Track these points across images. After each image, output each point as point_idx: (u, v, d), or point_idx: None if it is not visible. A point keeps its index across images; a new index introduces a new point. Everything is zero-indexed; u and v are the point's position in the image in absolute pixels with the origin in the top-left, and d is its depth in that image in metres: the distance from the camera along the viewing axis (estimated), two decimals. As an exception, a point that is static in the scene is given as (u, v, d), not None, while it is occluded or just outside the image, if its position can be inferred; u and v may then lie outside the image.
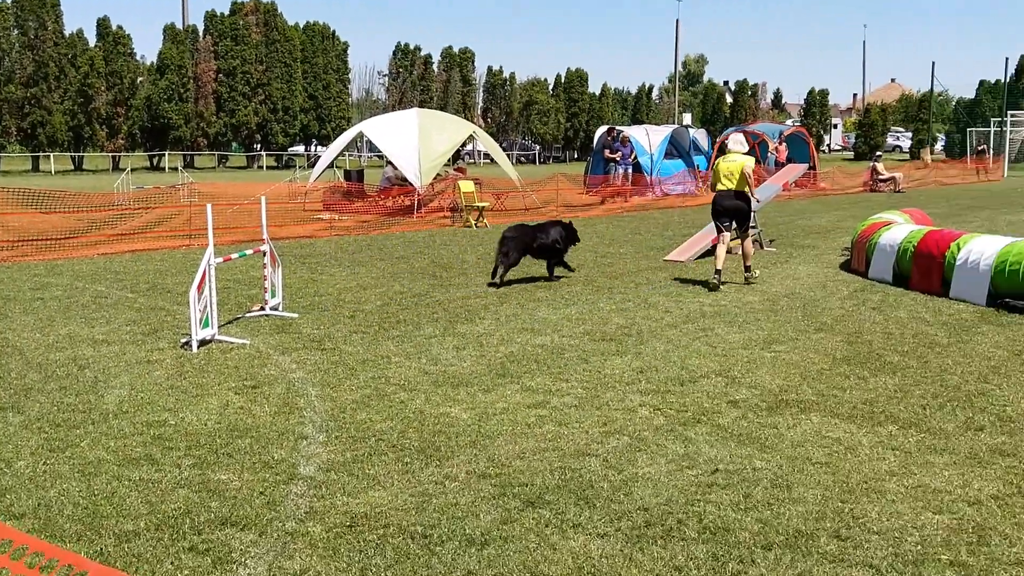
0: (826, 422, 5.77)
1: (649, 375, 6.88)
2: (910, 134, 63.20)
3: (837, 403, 6.18)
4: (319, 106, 56.68)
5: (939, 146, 59.82)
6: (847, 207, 22.79)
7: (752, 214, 11.41)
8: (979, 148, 45.76)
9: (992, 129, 45.59)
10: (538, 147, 66.69)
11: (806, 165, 19.05)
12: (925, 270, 10.43)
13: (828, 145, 69.78)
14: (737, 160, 10.80)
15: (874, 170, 30.62)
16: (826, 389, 6.51)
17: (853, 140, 63.89)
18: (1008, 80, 52.19)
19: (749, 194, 10.82)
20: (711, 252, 12.70)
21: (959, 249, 10.05)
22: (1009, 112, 43.99)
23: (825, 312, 9.33)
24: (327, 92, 57.03)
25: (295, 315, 8.96)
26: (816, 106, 65.68)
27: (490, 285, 10.86)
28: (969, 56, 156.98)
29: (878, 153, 36.22)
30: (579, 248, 12.36)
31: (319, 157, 30.48)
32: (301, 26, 56.80)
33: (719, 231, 11.05)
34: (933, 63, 59.79)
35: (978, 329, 8.43)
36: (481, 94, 67.70)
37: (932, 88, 56.37)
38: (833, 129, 73.21)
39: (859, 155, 55.55)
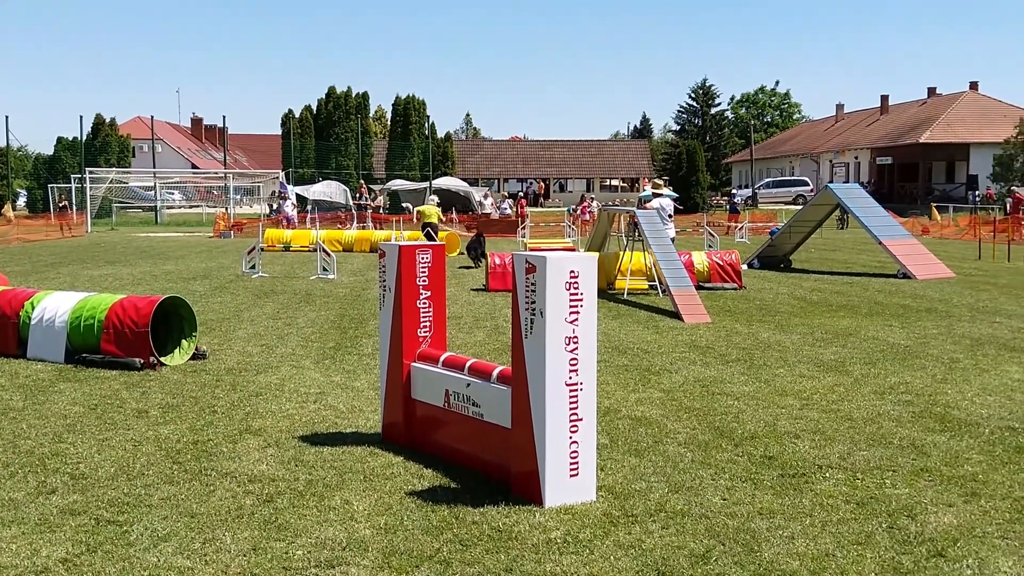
0: None
1: None
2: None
3: None
4: None
5: (22, 202, 58.74)
6: (-81, 268, 20.74)
7: None
8: (61, 204, 46.12)
9: (74, 185, 46.33)
10: None
11: None
12: None
13: (-102, 201, 63.10)
14: (429, 209, 23.15)
15: (-50, 227, 28.59)
16: None
17: (-73, 195, 58.84)
18: (85, 138, 53.70)
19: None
20: None
21: (33, 308, 9.81)
22: (88, 169, 45.12)
23: None
24: None
25: None
26: None
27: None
28: (44, 112, 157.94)
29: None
30: None
31: None
32: None
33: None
34: (7, 117, 58.38)
35: (56, 388, 8.28)
36: None
37: (8, 142, 55.12)
38: (-98, 183, 66.38)
39: (-65, 212, 51.35)
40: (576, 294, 5.20)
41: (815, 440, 6.61)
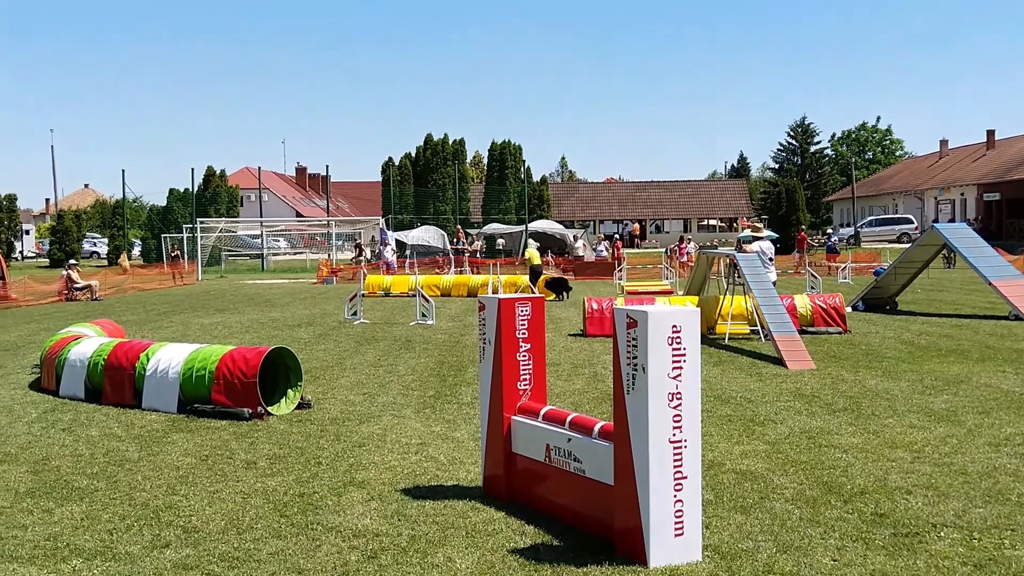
0: (3, 569, 5.22)
1: None
2: (107, 240, 63.43)
3: (17, 544, 5.65)
4: None
5: (136, 252, 61.12)
6: (41, 319, 21.75)
7: None
8: (174, 254, 47.86)
9: (185, 235, 48.07)
10: None
11: None
12: (117, 383, 10.34)
13: (21, 252, 66.46)
14: (530, 252, 26.31)
15: (69, 278, 29.89)
16: (5, 530, 5.93)
17: (48, 247, 61.85)
18: (196, 189, 55.77)
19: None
20: None
21: (148, 359, 10.19)
22: (199, 219, 46.79)
23: (10, 440, 8.60)
24: None
25: None
26: (4, 211, 62.14)
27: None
28: (157, 165, 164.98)
29: (72, 261, 35.52)
30: None
31: None
32: None
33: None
34: (124, 171, 61.32)
35: (169, 439, 8.56)
36: None
37: (124, 195, 57.67)
38: (25, 235, 70.00)
39: (55, 262, 53.86)
40: (679, 349, 5.15)
41: (928, 496, 6.38)
